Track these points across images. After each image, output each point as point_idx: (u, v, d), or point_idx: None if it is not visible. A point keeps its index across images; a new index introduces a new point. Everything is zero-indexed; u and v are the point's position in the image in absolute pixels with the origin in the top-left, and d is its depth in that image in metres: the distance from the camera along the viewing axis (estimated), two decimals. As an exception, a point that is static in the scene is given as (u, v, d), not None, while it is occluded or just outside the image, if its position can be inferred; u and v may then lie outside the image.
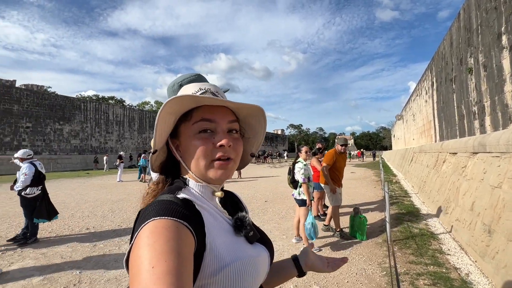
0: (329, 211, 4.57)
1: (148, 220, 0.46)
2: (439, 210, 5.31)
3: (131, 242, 0.47)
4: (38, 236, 4.46)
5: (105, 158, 23.60)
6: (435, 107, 9.52)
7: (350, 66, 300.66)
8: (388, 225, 3.48)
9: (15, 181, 4.31)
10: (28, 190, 4.23)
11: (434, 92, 9.59)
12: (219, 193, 0.64)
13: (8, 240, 4.31)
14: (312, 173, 5.16)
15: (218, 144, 0.58)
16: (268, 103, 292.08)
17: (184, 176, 0.63)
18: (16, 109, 23.14)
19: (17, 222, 5.44)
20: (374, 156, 39.46)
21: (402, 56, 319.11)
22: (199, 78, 1.24)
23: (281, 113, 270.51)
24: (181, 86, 0.87)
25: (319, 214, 5.42)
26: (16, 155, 4.51)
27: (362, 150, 47.77)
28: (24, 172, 4.23)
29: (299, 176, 3.77)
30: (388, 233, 3.40)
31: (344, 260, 0.84)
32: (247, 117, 0.68)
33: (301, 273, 0.80)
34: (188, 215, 0.50)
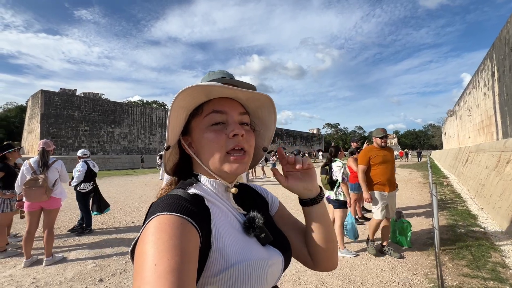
0: (372, 225, 3.61)
1: (154, 215, 0.47)
2: (502, 217, 4.62)
3: (139, 234, 0.47)
4: (92, 227, 4.99)
5: (157, 157, 26.52)
6: (497, 100, 8.34)
7: (392, 60, 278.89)
8: (436, 231, 3.12)
9: (72, 178, 4.89)
10: (82, 186, 4.78)
11: (496, 83, 8.41)
12: (233, 190, 0.61)
13: (68, 230, 4.89)
14: (349, 173, 4.91)
15: (232, 134, 0.56)
16: (303, 102, 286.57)
17: (196, 173, 0.62)
18: (76, 114, 26.33)
19: (77, 213, 6.14)
20: (419, 156, 32.27)
21: (454, 45, 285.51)
22: (229, 75, 1.25)
23: (317, 112, 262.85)
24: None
25: (356, 217, 5.13)
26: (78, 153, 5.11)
27: (406, 150, 43.82)
28: (78, 169, 4.79)
29: (339, 176, 3.61)
30: (435, 239, 3.05)
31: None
32: (257, 110, 0.66)
33: (311, 202, 0.66)
34: (194, 211, 0.50)
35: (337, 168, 3.66)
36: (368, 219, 5.18)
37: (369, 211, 5.69)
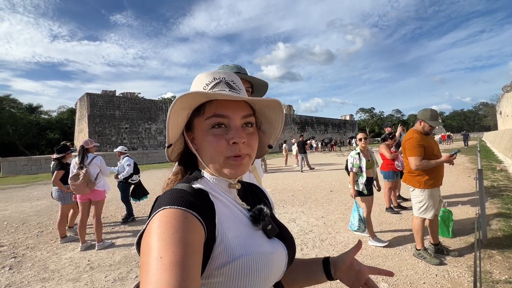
0: (419, 228, 2.98)
1: (159, 209, 0.48)
2: None
3: (145, 227, 0.49)
4: (135, 216, 5.46)
5: None
6: None
7: (434, 34, 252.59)
8: (477, 217, 2.84)
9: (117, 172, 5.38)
10: (134, 177, 5.31)
11: None
12: (236, 186, 0.62)
13: (121, 222, 5.42)
14: (381, 161, 4.65)
15: (232, 141, 0.56)
16: (334, 87, 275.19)
17: (200, 169, 0.63)
18: (117, 113, 28.52)
19: (122, 204, 6.78)
20: (466, 139, 25.47)
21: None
22: (241, 69, 1.22)
23: (349, 97, 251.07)
24: None
25: (391, 206, 4.87)
26: (117, 149, 5.60)
27: (448, 133, 40.04)
28: (128, 163, 5.25)
29: (349, 165, 3.54)
30: (475, 225, 2.79)
31: (389, 274, 0.68)
32: (263, 109, 0.65)
33: (330, 278, 0.72)
34: (199, 205, 0.50)
35: (348, 157, 3.56)
36: (404, 208, 4.90)
37: (406, 200, 5.36)
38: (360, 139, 3.58)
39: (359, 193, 3.51)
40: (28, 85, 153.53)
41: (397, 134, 5.15)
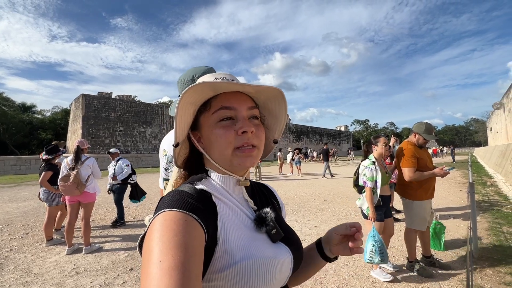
0: (411, 239, 2.95)
1: (160, 212, 0.48)
2: (557, 222, 4.09)
3: (146, 229, 0.49)
4: (126, 220, 5.35)
5: None
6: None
7: (428, 51, 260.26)
8: (469, 231, 2.86)
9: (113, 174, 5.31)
10: (133, 177, 5.36)
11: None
12: (245, 182, 0.62)
13: (111, 225, 5.29)
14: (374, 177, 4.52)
15: (241, 131, 0.56)
16: (329, 98, 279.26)
17: (206, 168, 0.63)
18: (112, 116, 28.28)
19: (113, 207, 6.64)
20: (452, 154, 25.75)
21: (502, 31, 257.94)
22: (211, 70, 1.24)
23: (344, 108, 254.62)
24: (192, 80, 0.89)
25: (384, 217, 4.86)
26: (111, 151, 5.54)
27: (440, 147, 41.37)
28: (126, 164, 5.32)
29: (361, 179, 2.89)
30: (468, 239, 2.80)
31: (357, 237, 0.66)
32: (267, 102, 0.65)
33: (328, 259, 0.70)
34: (200, 207, 0.50)
35: (361, 169, 2.92)
36: (397, 220, 4.90)
37: (399, 211, 5.38)
38: (385, 144, 2.85)
39: (363, 215, 2.88)
40: (23, 84, 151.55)
41: (390, 144, 5.19)
